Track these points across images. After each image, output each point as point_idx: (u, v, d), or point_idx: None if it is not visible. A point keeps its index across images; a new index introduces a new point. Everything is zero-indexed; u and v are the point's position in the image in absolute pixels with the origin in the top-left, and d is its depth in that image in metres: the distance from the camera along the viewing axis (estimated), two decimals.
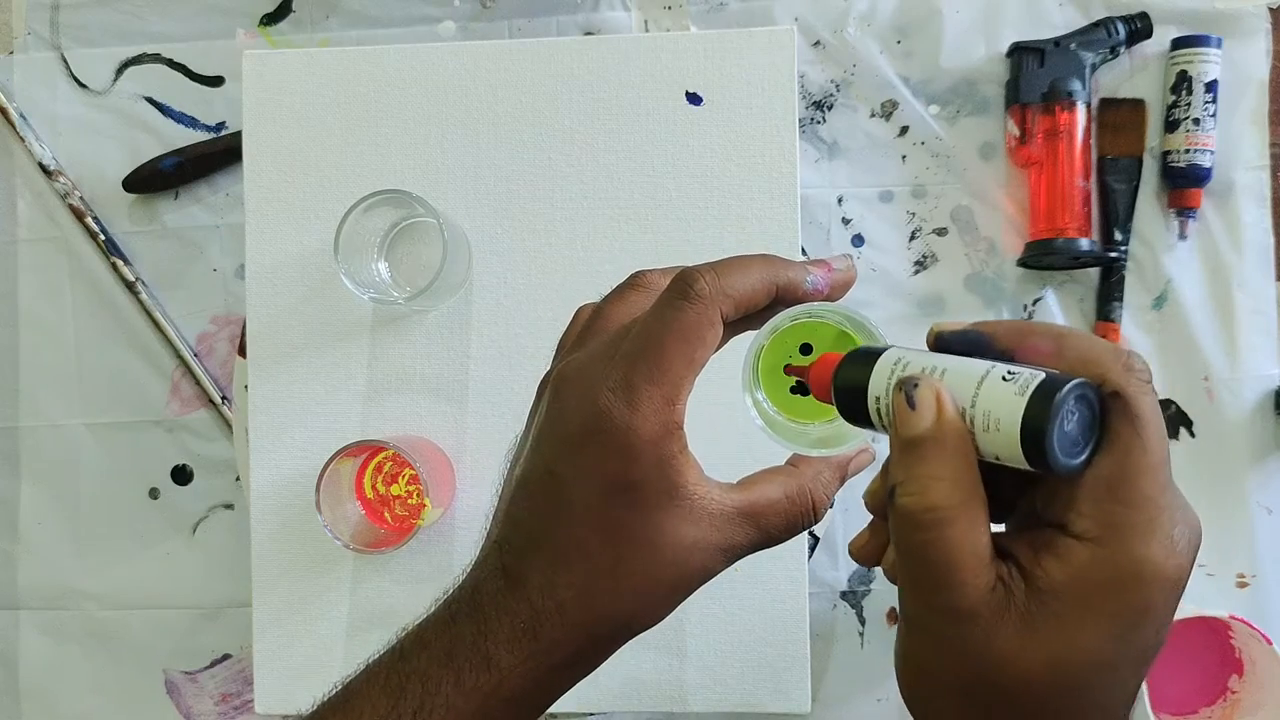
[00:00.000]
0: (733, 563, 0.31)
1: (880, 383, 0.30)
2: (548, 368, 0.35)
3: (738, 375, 0.33)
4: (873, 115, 0.67)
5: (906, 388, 0.28)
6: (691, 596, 0.33)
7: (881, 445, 0.32)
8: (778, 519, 0.32)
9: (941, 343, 0.30)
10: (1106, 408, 0.27)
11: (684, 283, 0.30)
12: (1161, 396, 0.65)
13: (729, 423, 0.42)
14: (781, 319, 0.32)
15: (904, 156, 0.67)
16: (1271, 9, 0.65)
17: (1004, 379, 0.27)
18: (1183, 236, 0.65)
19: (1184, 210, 0.64)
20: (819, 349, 0.34)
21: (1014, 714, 0.27)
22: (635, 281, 0.34)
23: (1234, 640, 0.61)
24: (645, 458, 0.29)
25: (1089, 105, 0.64)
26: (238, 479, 0.69)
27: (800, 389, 0.35)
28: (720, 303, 0.30)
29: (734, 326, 0.32)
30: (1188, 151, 0.64)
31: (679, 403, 0.30)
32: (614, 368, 0.30)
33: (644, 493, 0.29)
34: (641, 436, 0.29)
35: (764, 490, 0.32)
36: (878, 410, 0.30)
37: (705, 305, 0.30)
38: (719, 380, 0.34)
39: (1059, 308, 0.66)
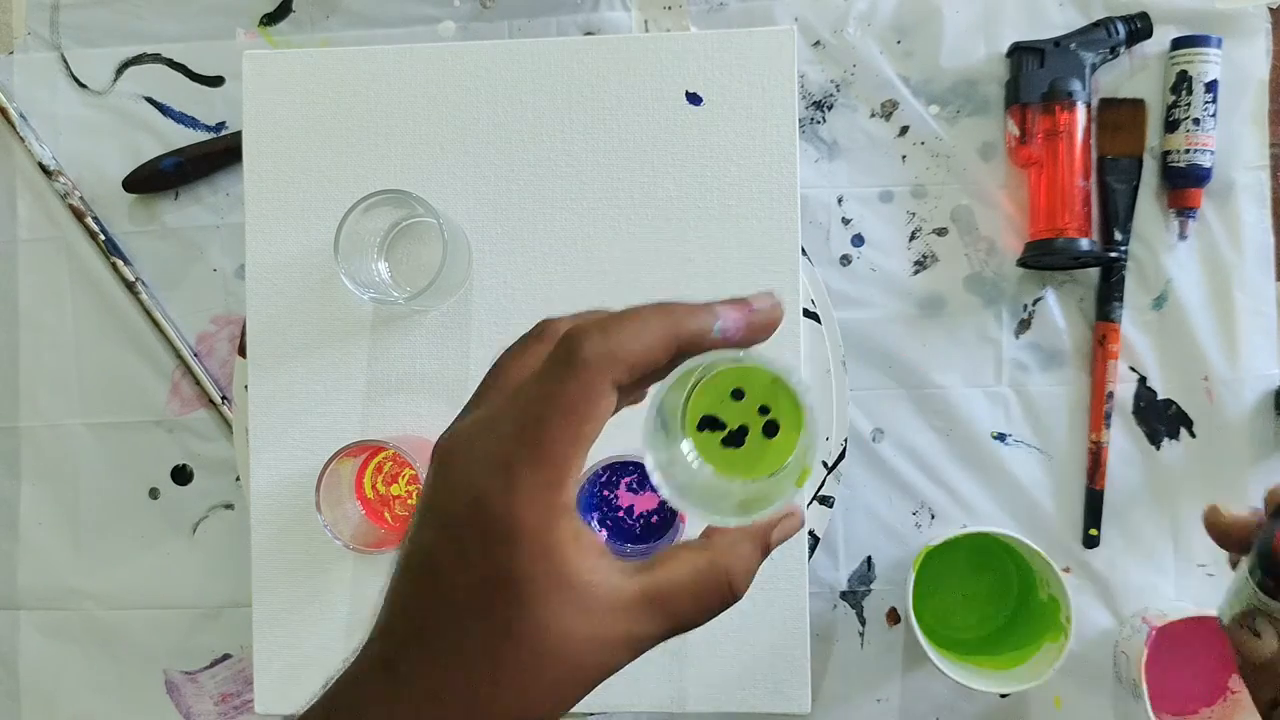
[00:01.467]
0: (640, 654, 0.28)
1: None
2: None
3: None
4: (873, 115, 0.67)
5: None
6: None
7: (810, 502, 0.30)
8: (687, 603, 0.29)
9: None
10: None
11: (568, 348, 0.27)
12: (1161, 396, 0.65)
13: None
14: (692, 365, 0.29)
15: (904, 156, 0.67)
16: (1271, 9, 0.66)
17: None
18: (1183, 236, 0.65)
19: (1184, 210, 0.65)
20: (752, 395, 0.32)
21: None
22: (539, 331, 0.31)
23: None
24: (528, 549, 0.26)
25: (1089, 105, 0.64)
26: (238, 479, 0.69)
27: (733, 440, 0.32)
28: (610, 370, 0.27)
29: (632, 388, 0.29)
30: (1188, 151, 0.64)
31: (566, 484, 0.27)
32: (495, 446, 0.27)
33: (528, 587, 0.26)
34: (523, 526, 0.26)
35: (669, 571, 0.29)
36: None
37: (592, 374, 0.27)
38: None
39: (1059, 308, 0.66)
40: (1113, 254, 0.64)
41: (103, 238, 0.70)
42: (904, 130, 0.67)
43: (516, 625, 0.27)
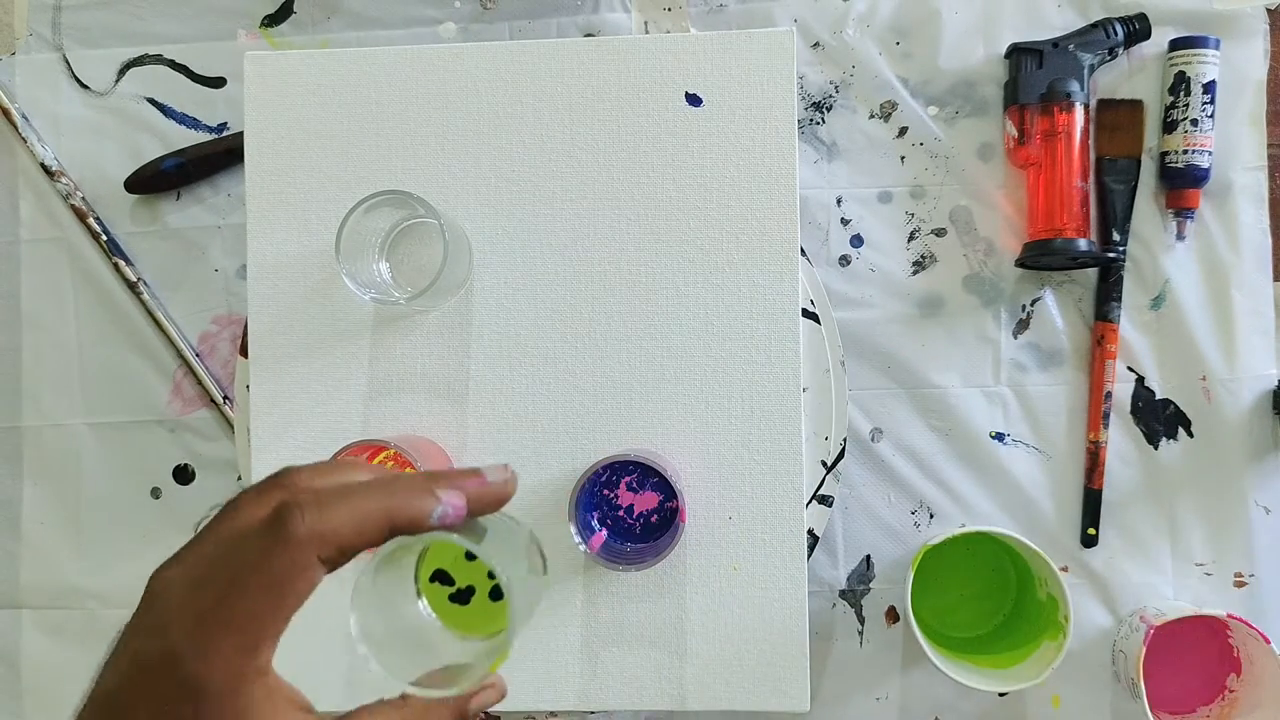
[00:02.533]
0: None
1: None
2: (548, 368, 0.34)
3: None
4: (872, 116, 0.68)
5: None
6: (691, 596, 0.32)
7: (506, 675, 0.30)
8: None
9: None
10: None
11: (280, 522, 0.27)
12: (1160, 396, 0.65)
13: None
14: (410, 540, 0.30)
15: (903, 157, 0.67)
16: (1269, 10, 0.66)
17: None
18: (1181, 237, 0.65)
19: (1182, 211, 0.65)
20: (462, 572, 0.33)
21: None
22: (280, 479, 0.31)
23: (1232, 639, 0.62)
24: (213, 709, 0.27)
25: (1087, 106, 0.65)
26: (239, 478, 0.69)
27: (460, 597, 0.33)
28: (318, 549, 0.27)
29: (343, 562, 0.29)
30: (1186, 152, 0.64)
31: (261, 649, 0.27)
32: (196, 602, 0.27)
33: None
34: (210, 687, 0.27)
35: None
36: None
37: (299, 552, 0.27)
38: None
39: (1057, 308, 0.66)
40: (1111, 254, 0.64)
41: (105, 238, 0.70)
42: (903, 131, 0.67)
43: None
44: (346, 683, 0.61)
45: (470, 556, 0.33)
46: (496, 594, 0.34)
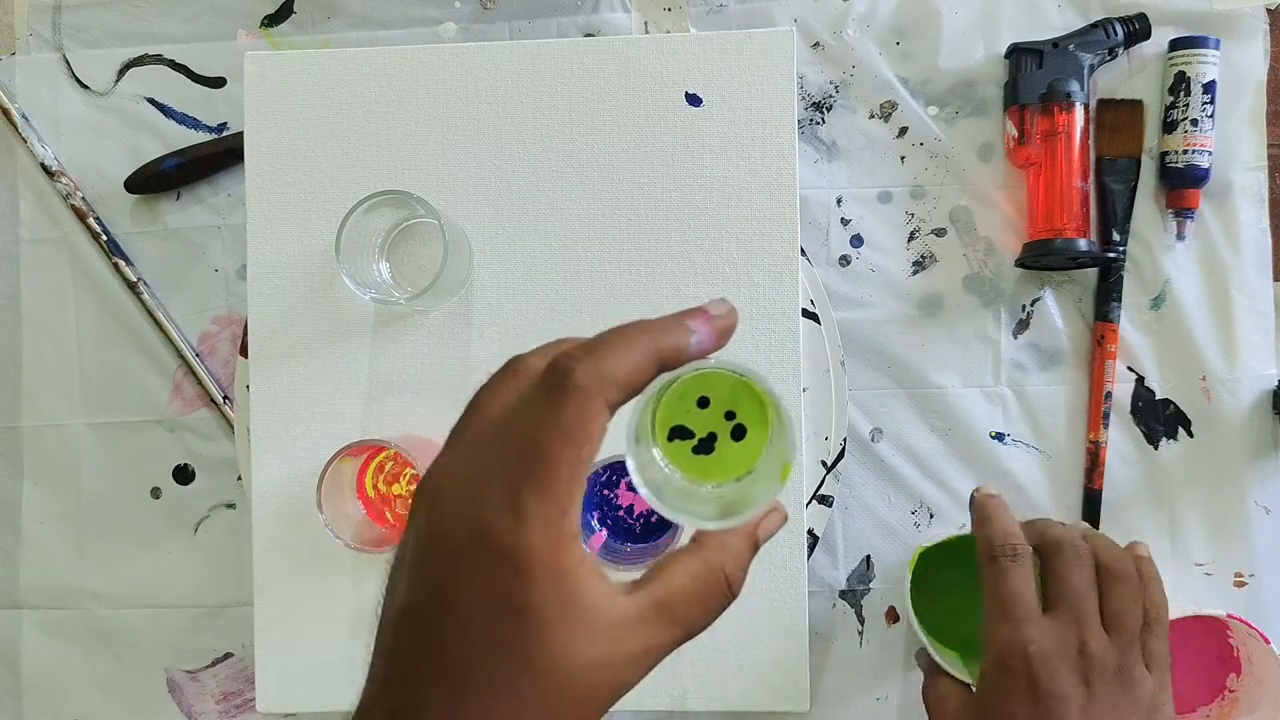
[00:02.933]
0: (654, 666, 0.29)
1: None
2: None
3: None
4: (872, 116, 0.68)
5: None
6: None
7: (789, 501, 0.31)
8: (692, 608, 0.30)
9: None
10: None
11: (560, 374, 0.27)
12: (1160, 396, 0.65)
13: None
14: (671, 376, 0.30)
15: (903, 157, 0.67)
16: (1270, 10, 0.66)
17: None
18: (1181, 237, 0.65)
19: (1182, 211, 0.65)
20: (717, 401, 0.32)
21: None
22: (513, 367, 0.31)
23: (1232, 639, 0.62)
24: (540, 577, 0.26)
25: (1087, 106, 0.65)
26: (239, 479, 0.69)
27: (703, 447, 0.32)
28: (603, 391, 0.27)
29: (621, 406, 0.29)
30: (1186, 152, 0.64)
31: (571, 510, 0.27)
32: (496, 478, 0.27)
33: (541, 615, 0.26)
34: (534, 554, 0.26)
35: (670, 580, 0.29)
36: None
37: (587, 397, 0.27)
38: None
39: (1057, 308, 0.66)
40: (1111, 254, 0.64)
41: (105, 238, 0.70)
42: (903, 131, 0.67)
43: (536, 656, 0.26)
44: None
45: (703, 403, 0.32)
46: (738, 434, 0.32)
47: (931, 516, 0.66)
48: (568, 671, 0.27)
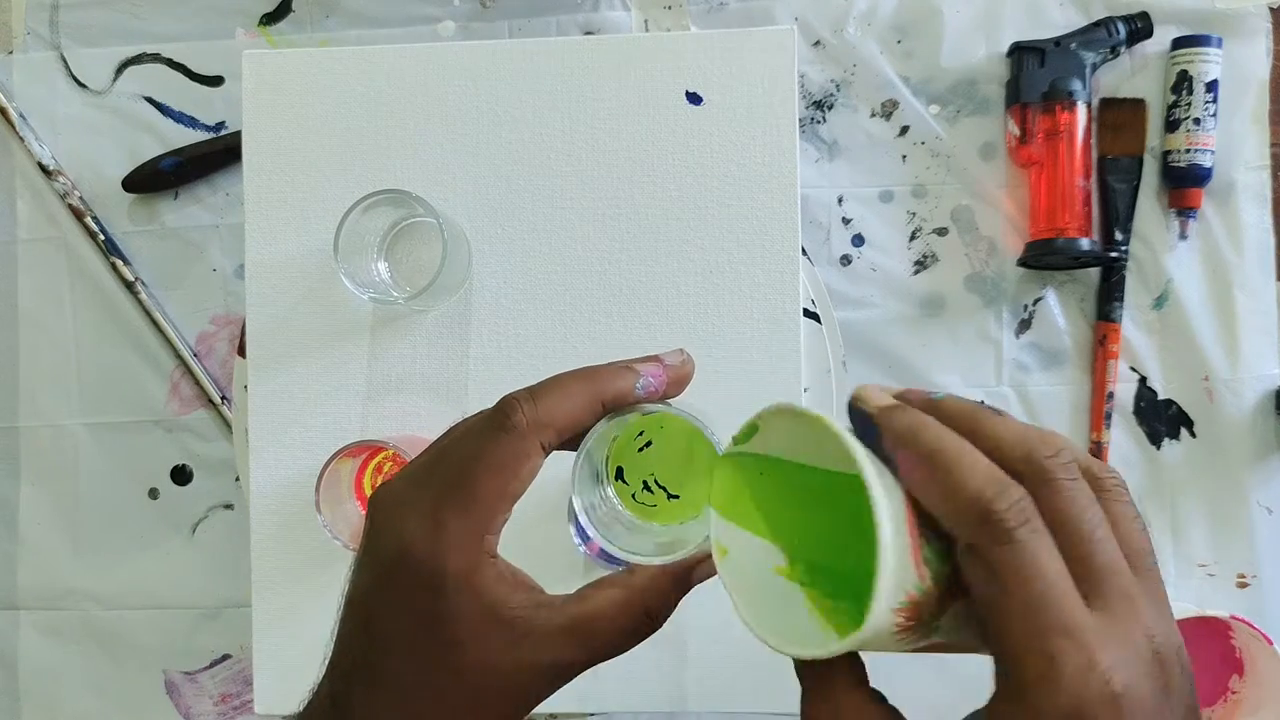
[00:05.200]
0: (568, 680, 0.31)
1: None
2: (548, 367, 0.35)
3: None
4: (873, 115, 0.67)
5: None
6: (691, 597, 0.33)
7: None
8: (609, 633, 0.31)
9: (851, 411, 0.29)
10: (961, 559, 0.25)
11: (502, 413, 0.30)
12: (1162, 396, 0.65)
13: None
14: (617, 420, 0.32)
15: (904, 156, 0.67)
16: (1272, 9, 0.65)
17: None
18: (1183, 236, 0.65)
19: (1184, 210, 0.64)
20: (660, 443, 0.34)
21: None
22: (490, 408, 0.33)
23: (1235, 640, 0.61)
24: (455, 590, 0.29)
25: (1089, 105, 0.64)
26: (237, 479, 0.69)
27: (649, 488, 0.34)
28: (539, 434, 0.30)
29: (561, 447, 0.31)
30: (1188, 151, 0.64)
31: (491, 533, 0.30)
32: (424, 496, 0.30)
33: (455, 624, 0.29)
34: (449, 570, 0.29)
35: (594, 603, 0.31)
36: None
37: (521, 438, 0.30)
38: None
39: (1059, 308, 0.66)
40: (1113, 254, 0.64)
41: (102, 237, 0.70)
42: (904, 130, 0.67)
43: (452, 660, 0.29)
44: None
45: (644, 448, 0.35)
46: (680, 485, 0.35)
47: None
48: (481, 675, 0.29)
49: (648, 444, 0.35)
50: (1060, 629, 0.24)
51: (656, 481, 0.36)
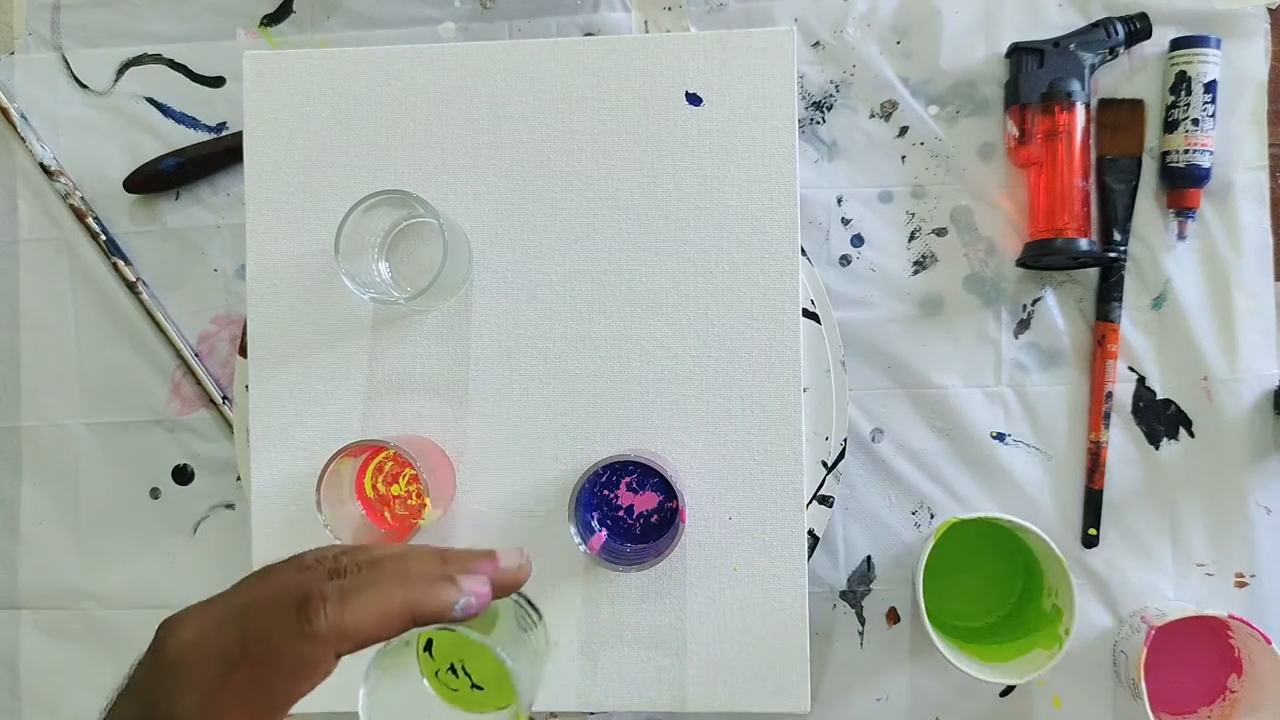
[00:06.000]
0: None
1: None
2: (548, 368, 0.34)
3: None
4: (872, 116, 0.67)
5: None
6: (691, 597, 0.32)
7: None
8: None
9: None
10: None
11: (305, 613, 0.29)
12: (1161, 396, 0.65)
13: None
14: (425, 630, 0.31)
15: (903, 157, 0.67)
16: (1270, 9, 0.66)
17: None
18: (1182, 237, 0.65)
19: (1183, 210, 0.65)
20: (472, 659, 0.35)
21: None
22: (301, 561, 0.32)
23: (1233, 640, 0.61)
24: None
25: (1088, 106, 0.64)
26: (238, 479, 0.69)
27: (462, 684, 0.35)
28: (337, 644, 0.29)
29: (357, 650, 0.31)
30: (1187, 152, 0.64)
31: None
32: (211, 667, 0.29)
33: None
34: None
35: None
36: None
37: (320, 646, 0.29)
38: None
39: (1058, 308, 0.66)
40: (1112, 254, 0.64)
41: (104, 238, 0.70)
42: (903, 131, 0.67)
43: None
44: None
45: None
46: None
47: (932, 516, 0.66)
48: None
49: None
50: None
51: (464, 668, 0.36)
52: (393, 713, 0.32)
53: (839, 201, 0.67)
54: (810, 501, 0.63)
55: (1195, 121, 0.64)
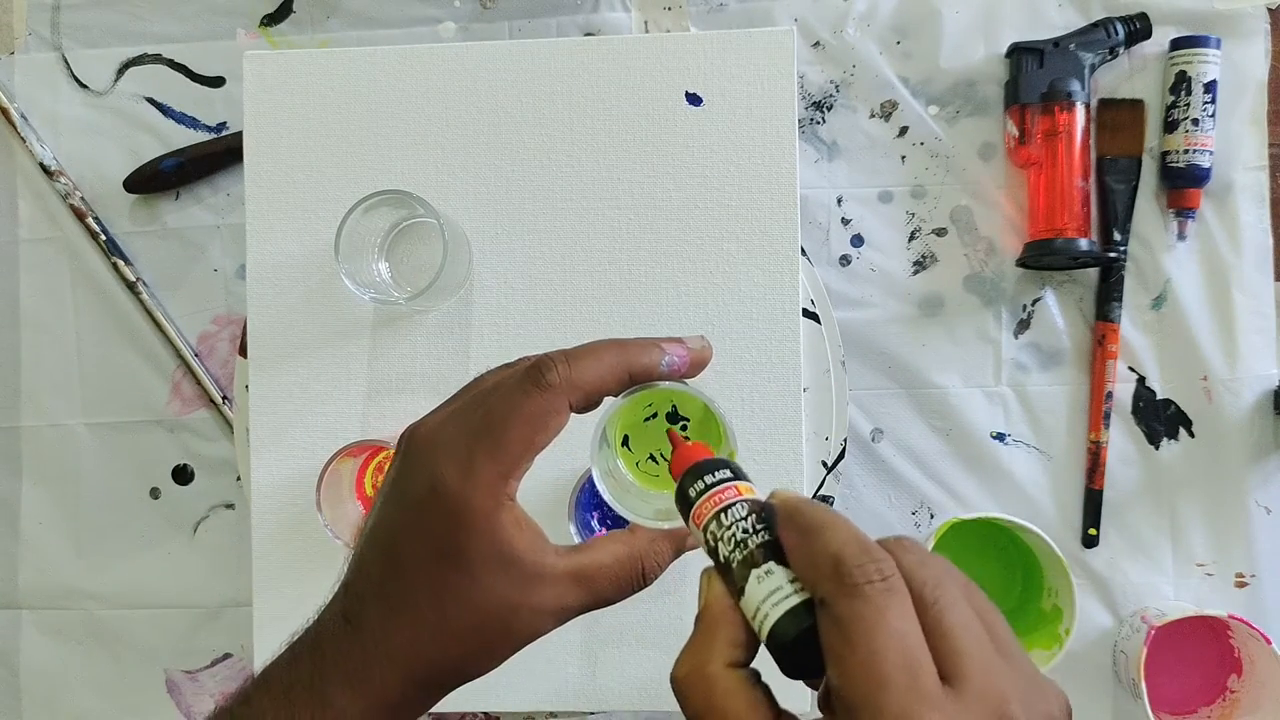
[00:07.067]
0: (565, 621, 0.33)
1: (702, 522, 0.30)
2: None
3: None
4: (872, 116, 0.67)
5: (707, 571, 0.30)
6: (691, 596, 0.33)
7: None
8: (606, 583, 0.34)
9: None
10: (819, 618, 0.26)
11: (538, 370, 0.32)
12: (1161, 396, 0.65)
13: None
14: (639, 391, 0.34)
15: (903, 157, 0.67)
16: (1270, 9, 0.66)
17: (773, 597, 0.27)
18: (1182, 237, 0.65)
19: (1183, 211, 0.65)
20: (690, 422, 0.37)
21: None
22: (517, 363, 0.35)
23: (1233, 640, 0.61)
24: (475, 526, 0.31)
25: (1088, 106, 0.64)
26: (238, 479, 0.69)
27: (655, 458, 0.37)
28: (569, 394, 0.32)
29: (586, 408, 0.34)
30: (1187, 152, 0.64)
31: (514, 478, 0.32)
32: (459, 436, 0.32)
33: (472, 558, 0.31)
34: (473, 507, 0.31)
35: (596, 555, 0.34)
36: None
37: (553, 395, 0.32)
38: None
39: (1058, 308, 0.66)
40: (1112, 254, 0.64)
41: (104, 238, 0.70)
42: (903, 131, 0.67)
43: (463, 591, 0.32)
44: None
45: (671, 418, 0.38)
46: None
47: (932, 516, 0.66)
48: (487, 608, 0.32)
49: (653, 415, 0.38)
50: (901, 687, 0.24)
51: (662, 454, 0.38)
52: (618, 497, 0.35)
53: (839, 201, 0.67)
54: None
55: (1195, 121, 0.64)
